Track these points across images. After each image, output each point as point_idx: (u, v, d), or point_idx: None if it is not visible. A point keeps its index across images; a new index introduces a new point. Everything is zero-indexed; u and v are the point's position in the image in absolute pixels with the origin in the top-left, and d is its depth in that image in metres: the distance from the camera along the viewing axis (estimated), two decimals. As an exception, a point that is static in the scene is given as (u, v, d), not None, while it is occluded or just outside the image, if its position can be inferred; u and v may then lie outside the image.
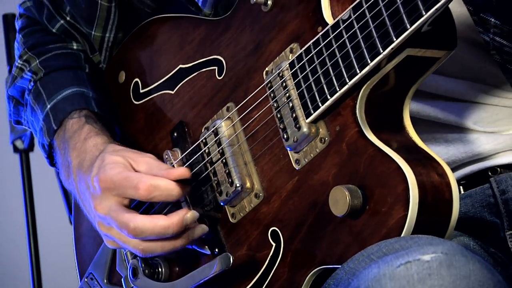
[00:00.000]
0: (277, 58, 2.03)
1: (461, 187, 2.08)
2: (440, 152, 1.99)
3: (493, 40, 1.98)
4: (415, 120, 1.99)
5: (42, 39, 2.47)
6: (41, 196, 3.26)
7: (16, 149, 3.29)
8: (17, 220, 3.31)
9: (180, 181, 2.08)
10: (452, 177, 1.86)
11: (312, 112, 1.94)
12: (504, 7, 1.97)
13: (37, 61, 2.42)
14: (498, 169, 2.09)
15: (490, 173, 2.10)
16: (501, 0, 1.98)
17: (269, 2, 2.05)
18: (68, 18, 2.44)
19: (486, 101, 2.10)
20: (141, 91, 2.31)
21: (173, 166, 2.20)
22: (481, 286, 1.65)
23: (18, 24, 2.54)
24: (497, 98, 2.09)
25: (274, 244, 1.98)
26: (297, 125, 1.96)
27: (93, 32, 2.42)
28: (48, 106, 2.34)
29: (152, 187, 2.05)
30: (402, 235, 1.80)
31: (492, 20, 1.97)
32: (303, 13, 1.99)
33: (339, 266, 1.85)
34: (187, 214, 2.05)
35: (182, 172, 2.08)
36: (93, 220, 2.19)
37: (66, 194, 2.39)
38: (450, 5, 1.82)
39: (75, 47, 2.46)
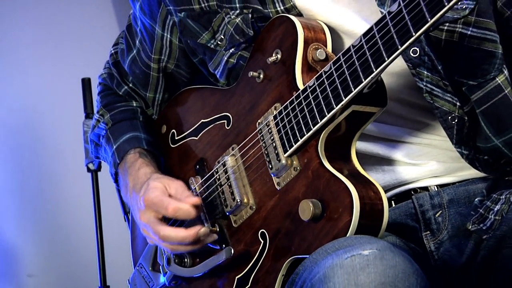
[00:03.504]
0: (266, 113, 2.11)
1: (392, 202, 2.14)
2: (378, 178, 2.04)
3: (426, 86, 2.04)
4: (361, 155, 2.08)
5: (112, 100, 2.55)
6: (106, 205, 3.34)
7: (88, 170, 3.40)
8: (88, 222, 3.39)
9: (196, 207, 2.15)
10: (383, 194, 1.95)
11: (288, 149, 2.02)
12: (433, 64, 2.03)
13: (108, 115, 2.50)
14: (418, 190, 2.14)
15: (412, 193, 2.14)
16: (431, 60, 2.02)
17: (261, 76, 2.14)
18: (130, 85, 2.53)
19: (412, 142, 2.14)
20: (176, 138, 2.40)
21: (195, 189, 2.26)
22: (403, 273, 1.74)
23: (98, 88, 2.62)
24: (419, 139, 2.13)
25: (262, 242, 2.07)
26: (278, 159, 2.04)
27: (147, 94, 2.50)
28: (114, 147, 2.42)
29: (177, 208, 2.13)
30: (348, 234, 1.89)
31: (425, 72, 2.03)
32: (284, 82, 2.08)
33: (307, 256, 1.92)
34: (200, 230, 2.12)
35: (196, 200, 2.15)
36: (139, 226, 2.25)
37: (123, 204, 2.45)
38: (395, 62, 1.86)
39: (134, 105, 2.52)
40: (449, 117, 2.06)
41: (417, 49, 2.03)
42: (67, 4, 4.12)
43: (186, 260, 2.26)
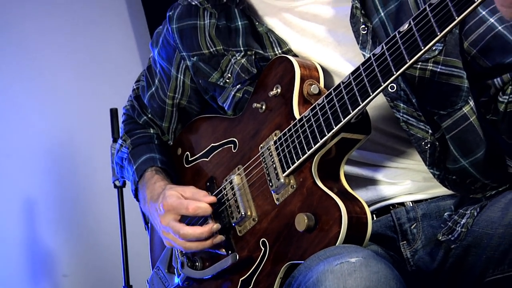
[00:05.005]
0: (267, 138, 2.09)
1: (374, 215, 2.11)
2: (362, 195, 2.01)
3: (402, 116, 2.02)
4: (348, 176, 2.04)
5: (133, 127, 2.54)
6: (129, 216, 3.32)
7: (115, 186, 3.37)
8: (115, 230, 3.38)
9: (211, 204, 2.13)
10: (367, 209, 1.93)
11: (286, 170, 2.01)
12: (408, 98, 2.01)
13: (129, 140, 2.49)
14: (396, 205, 2.11)
15: (391, 208, 2.11)
16: (406, 94, 2.00)
17: (263, 107, 2.12)
18: (149, 116, 2.51)
19: (390, 165, 2.11)
20: (189, 159, 2.37)
21: None
22: (385, 278, 1.72)
23: (122, 118, 2.62)
24: (396, 163, 2.11)
25: (263, 249, 2.05)
26: (278, 178, 2.03)
27: (163, 124, 2.48)
28: (134, 167, 2.41)
29: (196, 207, 2.11)
30: (337, 244, 1.87)
31: (401, 105, 2.01)
32: (283, 113, 2.07)
33: (301, 262, 1.90)
34: (214, 226, 2.10)
35: (212, 198, 2.13)
36: (159, 230, 2.21)
37: (144, 215, 2.43)
38: (377, 98, 1.86)
39: (151, 131, 2.50)
40: (423, 143, 2.03)
41: (394, 85, 2.01)
42: (100, 48, 4.15)
43: (197, 264, 2.23)
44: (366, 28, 2.02)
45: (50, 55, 3.95)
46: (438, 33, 1.70)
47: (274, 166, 2.05)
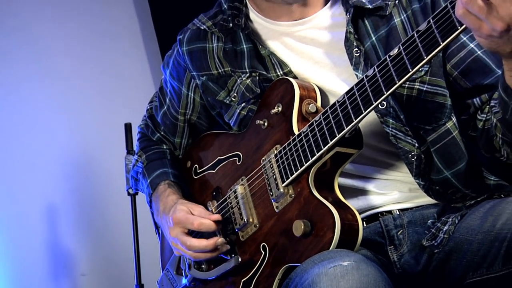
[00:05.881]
0: (268, 152, 2.07)
1: (364, 222, 2.08)
2: (354, 204, 1.98)
3: (391, 131, 2.00)
4: (341, 187, 2.01)
5: (147, 144, 2.51)
6: (142, 221, 3.30)
7: (128, 194, 3.34)
8: (128, 234, 3.36)
9: (215, 221, 2.12)
10: (359, 217, 1.91)
11: (286, 180, 1.99)
12: (396, 114, 2.00)
13: (144, 156, 2.46)
14: (384, 213, 2.08)
15: (379, 215, 2.08)
16: (395, 111, 2.00)
17: (266, 124, 2.10)
18: (162, 133, 2.48)
19: (380, 177, 2.08)
20: (198, 171, 2.35)
21: (212, 211, 2.19)
22: (374, 280, 1.70)
23: (137, 136, 2.59)
24: (385, 175, 2.09)
25: (263, 252, 2.03)
26: (277, 188, 2.01)
27: (175, 139, 2.45)
28: (148, 181, 2.39)
29: (200, 223, 2.10)
30: (331, 248, 1.85)
31: (391, 120, 2.00)
32: (283, 129, 2.06)
33: (298, 264, 1.88)
34: (218, 240, 2.08)
35: (217, 217, 2.13)
36: (169, 240, 2.21)
37: (155, 222, 2.39)
38: (369, 116, 1.85)
39: (164, 147, 2.48)
40: (410, 155, 2.02)
41: (384, 102, 2.00)
42: (116, 71, 4.18)
43: (203, 266, 2.20)
44: (359, 51, 2.02)
45: (76, 78, 3.98)
46: (425, 57, 1.70)
47: (274, 177, 2.03)
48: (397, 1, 2.03)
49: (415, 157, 2.01)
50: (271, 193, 2.04)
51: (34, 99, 3.80)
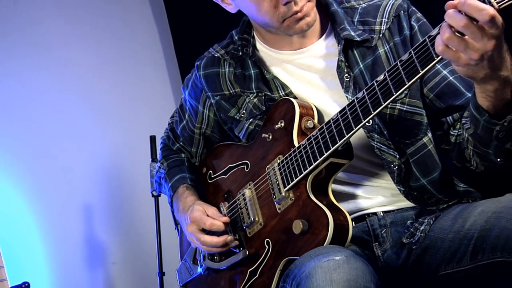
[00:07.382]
0: (272, 161, 2.05)
1: (353, 222, 2.01)
2: (345, 207, 1.96)
3: (376, 144, 1.98)
4: (334, 192, 1.99)
5: (168, 153, 2.50)
6: (164, 219, 3.27)
7: (152, 196, 3.29)
8: (152, 230, 3.33)
9: (224, 222, 2.10)
10: (349, 218, 1.89)
11: (287, 186, 1.97)
12: (381, 130, 1.99)
13: (166, 163, 2.45)
14: (370, 214, 2.06)
15: (366, 216, 2.05)
16: (379, 127, 1.98)
17: (270, 137, 2.08)
18: (181, 143, 2.47)
19: (367, 184, 2.07)
20: (212, 176, 2.33)
21: (223, 210, 2.18)
22: (362, 272, 1.68)
23: (160, 146, 2.57)
24: (371, 182, 2.06)
25: (267, 247, 2.00)
26: (280, 192, 1.98)
27: (192, 149, 2.44)
28: (169, 185, 2.38)
29: (212, 224, 2.09)
30: (325, 244, 1.82)
31: (376, 135, 1.98)
32: (285, 142, 2.03)
33: (297, 258, 1.85)
34: (228, 238, 2.07)
35: (226, 219, 2.11)
36: (186, 234, 2.19)
37: (175, 220, 2.37)
38: (358, 132, 1.82)
39: (183, 156, 2.46)
40: (392, 165, 2.00)
41: (371, 120, 1.98)
42: (141, 89, 4.15)
43: (215, 257, 2.18)
44: (349, 77, 2.01)
45: (111, 97, 3.93)
46: (407, 82, 1.69)
47: (277, 183, 2.01)
48: (381, 35, 2.02)
49: (396, 167, 1.99)
50: (274, 196, 2.02)
51: (79, 117, 3.78)
